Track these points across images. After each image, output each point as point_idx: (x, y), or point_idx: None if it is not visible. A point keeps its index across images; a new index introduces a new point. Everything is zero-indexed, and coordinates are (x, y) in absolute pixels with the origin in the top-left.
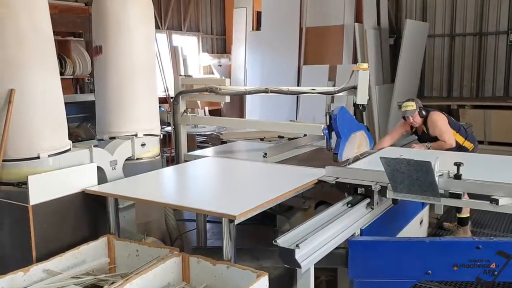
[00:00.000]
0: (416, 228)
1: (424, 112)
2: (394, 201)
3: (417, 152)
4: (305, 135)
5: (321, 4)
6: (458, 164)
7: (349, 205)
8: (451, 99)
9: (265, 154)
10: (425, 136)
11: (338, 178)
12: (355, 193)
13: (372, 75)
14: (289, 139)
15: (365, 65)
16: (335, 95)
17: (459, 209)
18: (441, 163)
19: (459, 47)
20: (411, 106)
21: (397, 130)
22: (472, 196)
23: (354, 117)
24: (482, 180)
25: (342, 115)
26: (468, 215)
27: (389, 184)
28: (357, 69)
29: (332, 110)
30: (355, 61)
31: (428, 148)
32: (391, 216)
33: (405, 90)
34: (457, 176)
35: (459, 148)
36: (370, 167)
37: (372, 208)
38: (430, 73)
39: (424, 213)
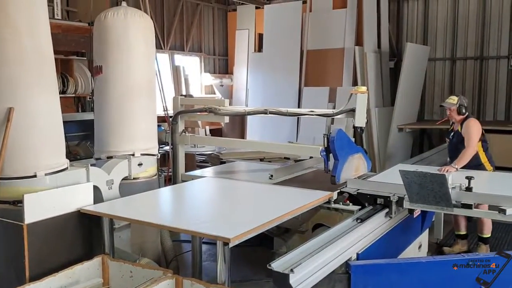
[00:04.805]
0: (414, 253)
1: (464, 111)
2: (410, 211)
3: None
4: (311, 157)
5: (322, 27)
6: (469, 178)
7: (358, 221)
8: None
9: (271, 176)
10: (456, 138)
11: (359, 189)
12: (375, 203)
13: (372, 97)
14: (296, 161)
15: (363, 88)
16: (335, 117)
17: (480, 230)
18: (454, 177)
19: (460, 71)
20: (452, 100)
21: None
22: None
23: (354, 139)
24: (491, 193)
25: (340, 137)
26: (490, 235)
27: (406, 195)
28: (355, 92)
29: (330, 132)
30: (355, 83)
31: (456, 169)
32: (389, 241)
33: (405, 113)
34: (469, 189)
35: (479, 166)
36: (387, 180)
37: (391, 217)
38: (430, 96)
39: (423, 238)
